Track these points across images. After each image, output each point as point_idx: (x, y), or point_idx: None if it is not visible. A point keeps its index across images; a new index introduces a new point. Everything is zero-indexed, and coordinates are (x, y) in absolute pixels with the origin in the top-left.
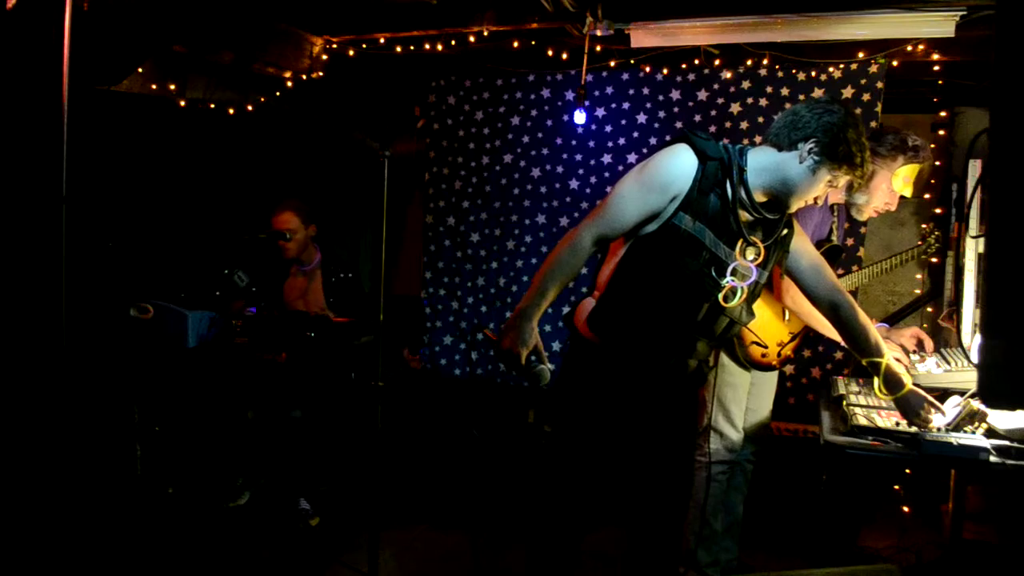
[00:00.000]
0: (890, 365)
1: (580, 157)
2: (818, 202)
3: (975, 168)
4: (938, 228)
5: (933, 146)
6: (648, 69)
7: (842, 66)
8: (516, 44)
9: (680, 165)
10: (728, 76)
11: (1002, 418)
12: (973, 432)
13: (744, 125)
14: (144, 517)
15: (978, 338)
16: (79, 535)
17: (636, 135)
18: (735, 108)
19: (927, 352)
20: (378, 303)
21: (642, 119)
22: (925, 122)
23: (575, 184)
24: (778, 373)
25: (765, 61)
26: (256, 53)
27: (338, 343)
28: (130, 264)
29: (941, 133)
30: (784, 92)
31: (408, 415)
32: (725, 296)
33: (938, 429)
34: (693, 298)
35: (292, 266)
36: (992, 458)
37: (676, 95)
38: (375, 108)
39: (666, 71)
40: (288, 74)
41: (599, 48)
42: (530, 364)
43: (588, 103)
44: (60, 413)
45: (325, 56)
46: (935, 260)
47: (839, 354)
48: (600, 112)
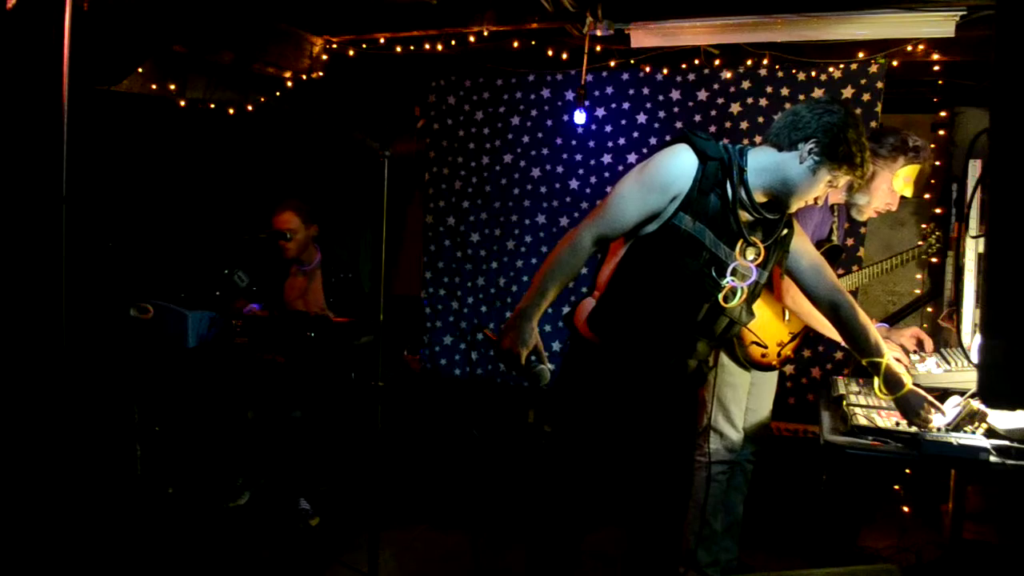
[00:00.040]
0: (890, 365)
1: (580, 157)
2: (818, 202)
3: (975, 168)
4: (938, 228)
5: (933, 146)
6: (648, 69)
7: (842, 66)
8: (516, 44)
9: (680, 165)
10: (728, 76)
11: (1002, 418)
12: (973, 432)
13: (744, 125)
14: (144, 517)
15: (978, 338)
16: (79, 535)
17: (636, 135)
18: (735, 108)
19: (927, 352)
20: (378, 303)
21: (642, 119)
22: (925, 122)
23: (575, 184)
24: (778, 373)
25: (765, 61)
26: (256, 53)
27: (338, 343)
28: (130, 264)
29: (941, 133)
30: (784, 92)
31: (408, 415)
32: (725, 296)
33: (938, 429)
34: (693, 298)
35: (292, 266)
36: (992, 458)
37: (676, 95)
38: (375, 108)
39: (666, 71)
40: (288, 74)
41: (599, 48)
42: (530, 364)
43: (588, 103)
44: (60, 413)
45: (325, 56)
46: (935, 260)
47: (839, 354)
48: (600, 112)
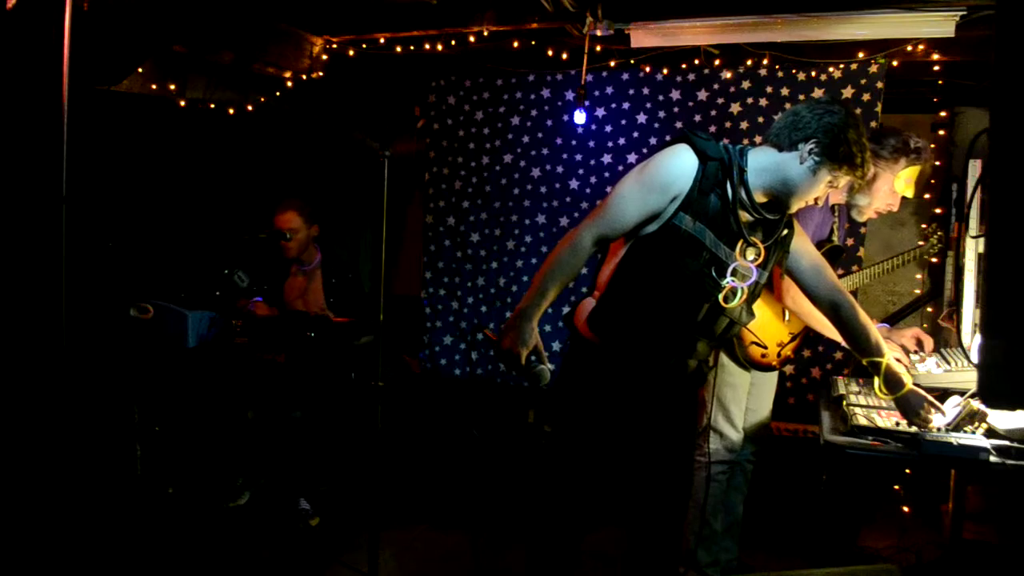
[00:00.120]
0: (890, 365)
1: (580, 157)
2: (819, 203)
3: (975, 168)
4: (940, 228)
5: (933, 146)
6: (648, 69)
7: (842, 66)
8: (516, 44)
9: (680, 165)
10: (728, 76)
11: (1002, 418)
12: (973, 432)
13: (744, 125)
14: (144, 517)
15: (978, 338)
16: (79, 535)
17: (636, 135)
18: (735, 108)
19: (927, 352)
20: (378, 303)
21: (642, 119)
22: (925, 122)
23: (575, 184)
24: (778, 373)
25: (765, 61)
26: (256, 53)
27: (338, 343)
28: (130, 264)
29: (941, 133)
30: (784, 92)
31: (408, 415)
32: (725, 296)
33: (938, 429)
34: (693, 298)
35: (292, 266)
36: (992, 458)
37: (676, 95)
38: (375, 108)
39: (666, 71)
40: (288, 74)
41: (599, 48)
42: (530, 364)
43: (588, 103)
44: (60, 413)
45: (325, 56)
46: (935, 260)
47: (839, 354)
48: (600, 112)
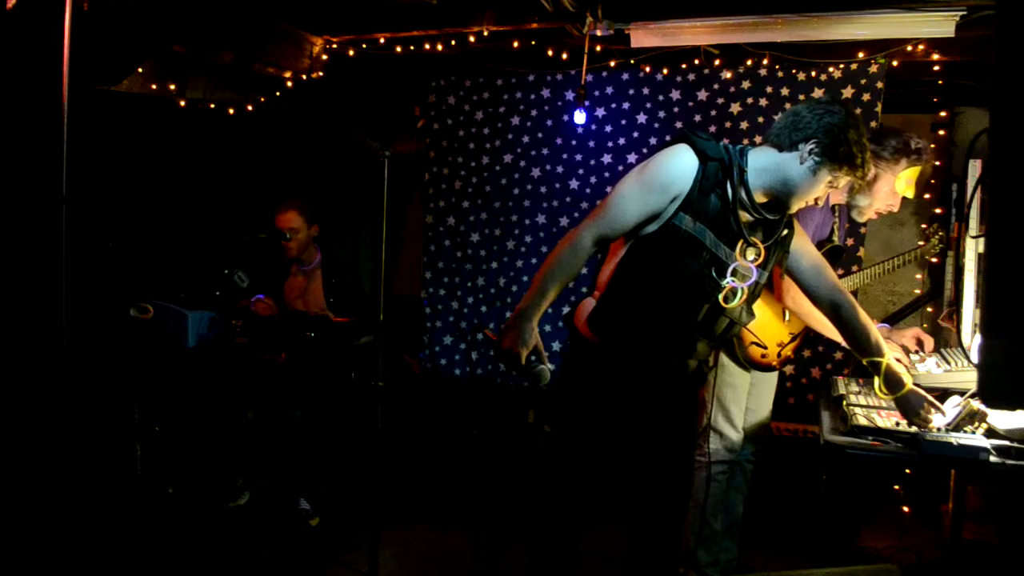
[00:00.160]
0: (890, 365)
1: (580, 157)
2: (819, 203)
3: (975, 168)
4: (941, 228)
5: (933, 146)
6: (648, 69)
7: (842, 66)
8: (516, 44)
9: (680, 165)
10: (728, 76)
11: (1002, 418)
12: (973, 432)
13: (744, 125)
14: (144, 517)
15: (978, 338)
16: (79, 535)
17: (636, 135)
18: (735, 108)
19: (927, 352)
20: (378, 303)
21: (642, 119)
22: (925, 122)
23: (575, 184)
24: (778, 373)
25: (765, 61)
26: (256, 53)
27: (338, 343)
28: (130, 264)
29: (941, 133)
30: (784, 92)
31: (408, 415)
32: (725, 297)
33: (938, 429)
34: (693, 299)
35: (292, 266)
36: (992, 458)
37: (676, 95)
38: (375, 108)
39: (666, 71)
40: (288, 74)
41: (599, 48)
42: (530, 364)
43: (588, 103)
44: (60, 413)
45: (325, 56)
46: (935, 260)
47: (839, 354)
48: (600, 112)
